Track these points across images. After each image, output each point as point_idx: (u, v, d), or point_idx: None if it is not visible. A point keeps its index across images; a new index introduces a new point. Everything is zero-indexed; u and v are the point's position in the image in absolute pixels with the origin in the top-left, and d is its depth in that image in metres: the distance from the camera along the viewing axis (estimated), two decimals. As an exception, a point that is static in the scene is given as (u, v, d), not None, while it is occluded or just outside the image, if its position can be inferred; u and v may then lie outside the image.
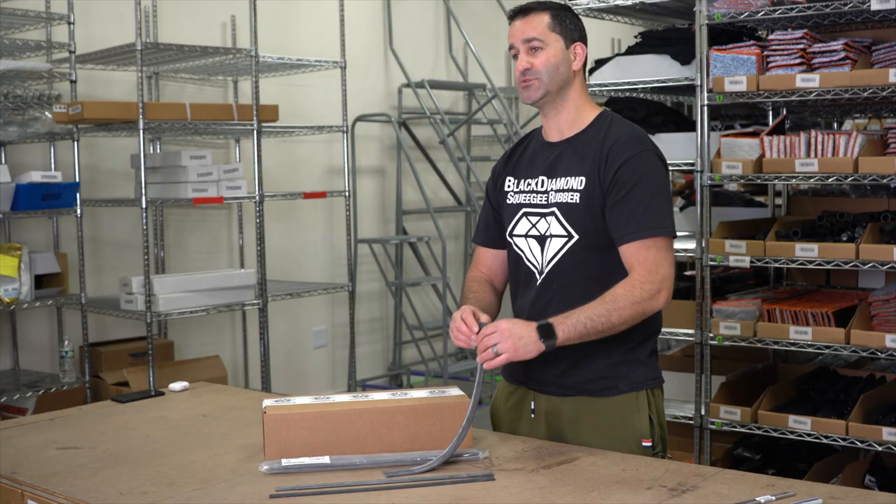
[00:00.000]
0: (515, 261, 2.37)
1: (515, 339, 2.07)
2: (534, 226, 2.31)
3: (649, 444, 2.27)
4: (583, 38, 2.34)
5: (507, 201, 2.39)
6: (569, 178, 2.28)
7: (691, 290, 4.05)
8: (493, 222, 2.46)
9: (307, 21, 6.08)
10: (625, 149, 2.24)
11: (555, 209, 2.28)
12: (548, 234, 2.29)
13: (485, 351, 2.08)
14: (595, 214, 2.24)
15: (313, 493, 1.91)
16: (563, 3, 2.39)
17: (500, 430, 2.41)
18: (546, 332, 2.09)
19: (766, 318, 3.76)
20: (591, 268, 2.24)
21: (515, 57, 2.32)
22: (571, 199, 2.26)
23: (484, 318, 2.18)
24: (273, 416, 2.09)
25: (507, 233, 2.38)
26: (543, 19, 2.29)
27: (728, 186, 5.25)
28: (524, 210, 2.34)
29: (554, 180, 2.31)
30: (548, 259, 2.29)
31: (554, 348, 2.10)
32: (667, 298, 2.19)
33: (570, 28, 2.31)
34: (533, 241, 2.32)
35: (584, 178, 2.26)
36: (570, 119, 2.34)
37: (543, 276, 2.30)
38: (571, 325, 2.10)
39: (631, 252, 2.20)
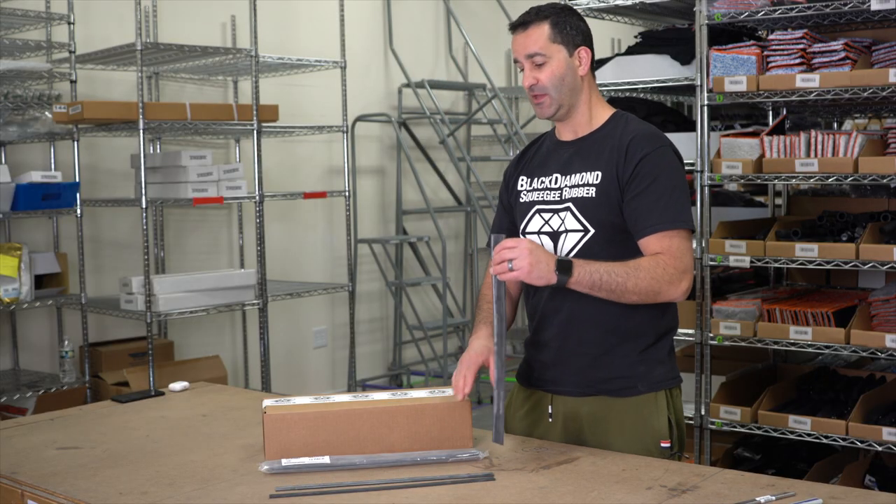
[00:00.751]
0: None
1: (533, 260, 2.05)
2: (546, 222, 2.31)
3: (668, 444, 2.26)
4: (587, 41, 2.31)
5: (520, 200, 2.38)
6: (584, 173, 2.28)
7: (691, 290, 4.04)
8: (507, 225, 2.45)
9: (307, 21, 6.08)
10: (644, 143, 2.24)
11: (570, 204, 2.27)
12: (562, 230, 2.28)
13: (500, 263, 2.07)
14: (611, 208, 2.23)
15: (313, 493, 1.91)
16: (563, 4, 2.36)
17: (514, 434, 2.38)
18: (563, 267, 2.09)
19: (766, 318, 3.76)
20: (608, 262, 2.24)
21: (522, 70, 2.31)
22: (587, 193, 2.26)
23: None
24: (273, 416, 2.09)
25: (520, 230, 2.37)
26: (543, 31, 2.26)
27: (728, 186, 5.25)
28: (537, 207, 2.33)
29: (569, 177, 2.30)
30: (563, 255, 2.27)
31: (563, 285, 2.10)
32: (686, 290, 2.18)
33: (573, 34, 2.29)
34: (546, 238, 2.31)
35: (599, 173, 2.26)
36: (583, 120, 2.34)
37: None
38: (588, 271, 2.11)
39: (653, 242, 2.19)
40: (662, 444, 2.25)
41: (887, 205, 4.17)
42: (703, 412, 3.84)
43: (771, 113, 4.44)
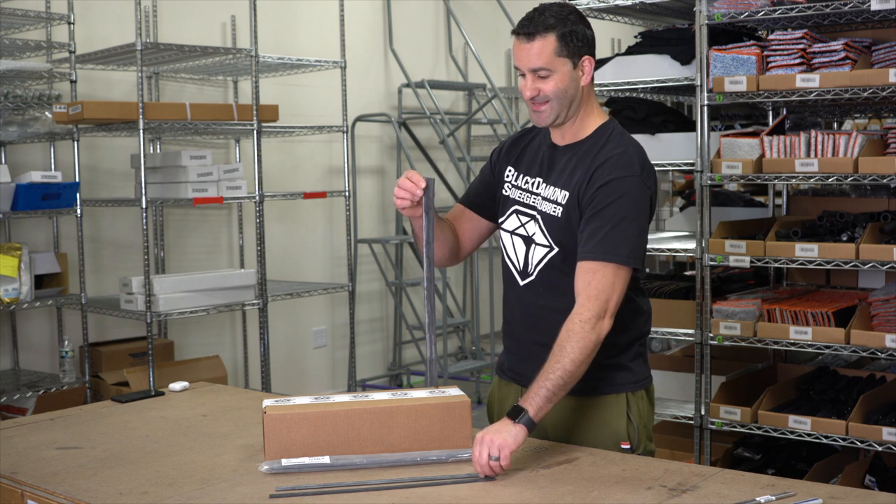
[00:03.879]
0: (502, 253, 2.42)
1: (503, 439, 2.00)
2: (522, 225, 2.33)
3: (628, 446, 2.29)
4: (591, 49, 2.27)
5: (503, 192, 2.40)
6: (556, 189, 2.28)
7: (691, 290, 4.05)
8: (482, 190, 2.46)
9: (307, 21, 6.08)
10: (611, 170, 2.21)
11: (538, 216, 2.30)
12: (534, 237, 2.31)
13: (486, 466, 1.99)
14: (572, 230, 2.24)
15: (313, 492, 1.91)
16: (569, 8, 2.28)
17: None
18: (515, 413, 2.06)
19: (766, 318, 3.76)
20: (573, 279, 2.22)
21: (522, 76, 2.27)
22: (554, 211, 2.28)
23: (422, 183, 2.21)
24: (273, 416, 2.09)
25: (498, 222, 2.41)
26: (550, 45, 2.20)
27: (728, 186, 5.25)
28: (515, 207, 2.36)
29: (546, 186, 2.31)
30: (534, 263, 2.31)
31: (532, 423, 2.05)
32: (607, 327, 2.14)
33: (578, 45, 2.23)
34: (518, 240, 2.34)
35: (567, 194, 2.26)
36: (573, 129, 2.33)
37: (531, 278, 2.32)
38: (533, 394, 2.07)
39: (580, 272, 2.18)
40: (623, 445, 2.28)
41: (887, 205, 4.17)
42: (703, 412, 3.84)
43: (771, 113, 4.44)
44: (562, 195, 2.26)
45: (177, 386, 2.84)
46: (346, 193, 5.51)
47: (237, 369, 5.72)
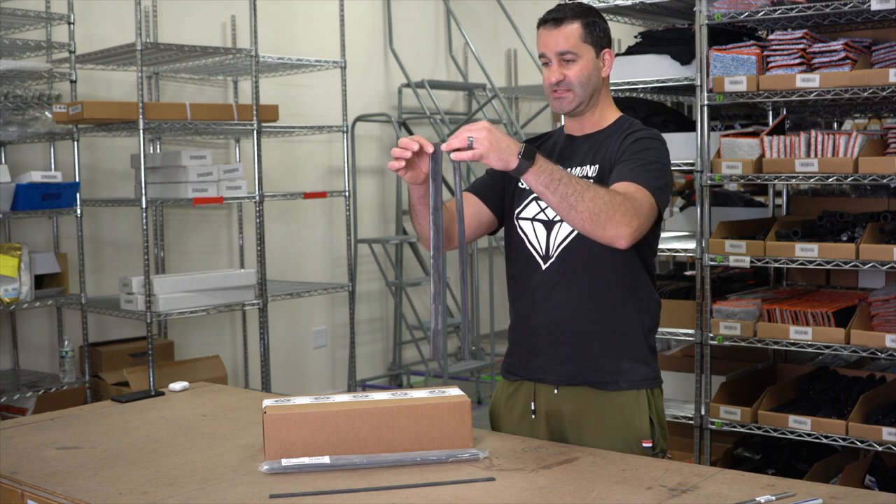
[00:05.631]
0: (518, 245, 2.38)
1: (493, 138, 1.96)
2: (542, 210, 2.33)
3: (650, 444, 2.28)
4: (610, 43, 2.37)
5: (520, 185, 2.39)
6: (584, 166, 2.33)
7: (691, 290, 4.05)
8: (489, 182, 2.45)
9: (307, 21, 6.08)
10: (641, 134, 2.30)
11: None
12: (556, 219, 2.30)
13: (458, 139, 1.96)
14: None
15: (314, 492, 1.91)
16: (589, 4, 2.38)
17: (500, 432, 2.41)
18: (528, 153, 2.00)
19: (766, 318, 3.76)
20: (600, 256, 2.24)
21: (546, 65, 2.32)
22: None
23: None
24: (273, 416, 2.09)
25: (514, 215, 2.39)
26: (576, 30, 2.30)
27: (728, 186, 5.25)
28: (535, 195, 2.34)
29: (569, 169, 2.33)
30: (556, 244, 2.31)
31: (522, 173, 1.99)
32: (633, 234, 2.08)
33: (600, 35, 2.34)
34: (539, 225, 2.33)
35: (597, 166, 2.30)
36: (593, 120, 2.39)
37: (552, 260, 2.31)
38: (550, 167, 2.02)
39: (617, 186, 2.16)
40: (644, 444, 2.28)
41: (887, 205, 4.17)
42: (703, 412, 3.84)
43: (771, 113, 4.44)
44: (591, 169, 2.31)
45: (177, 386, 2.84)
46: (346, 193, 5.52)
47: (237, 369, 5.72)
